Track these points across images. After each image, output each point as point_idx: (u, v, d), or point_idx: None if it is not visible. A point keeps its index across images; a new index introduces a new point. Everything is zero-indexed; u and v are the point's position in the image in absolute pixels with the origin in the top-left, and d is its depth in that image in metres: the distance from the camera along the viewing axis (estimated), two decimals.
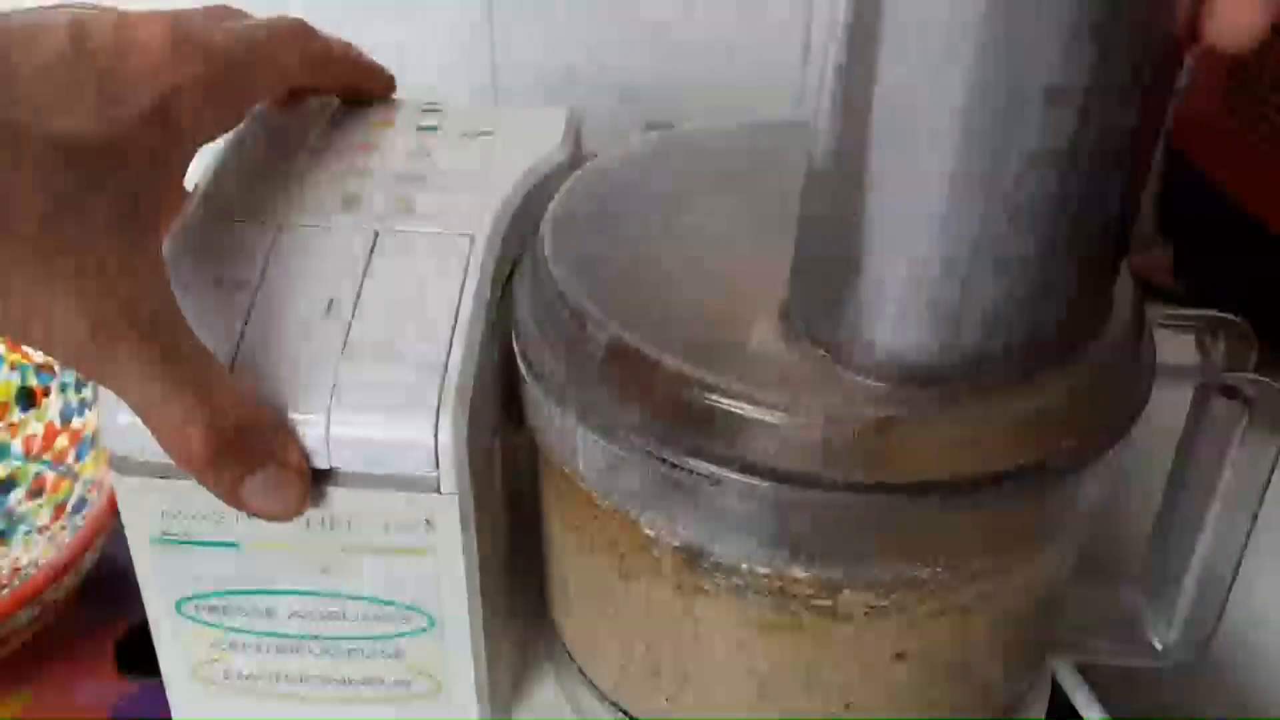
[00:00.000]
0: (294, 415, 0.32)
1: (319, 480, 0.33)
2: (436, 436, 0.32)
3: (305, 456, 0.32)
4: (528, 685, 0.42)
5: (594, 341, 0.32)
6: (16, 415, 0.50)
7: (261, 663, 0.37)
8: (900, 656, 0.33)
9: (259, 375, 0.33)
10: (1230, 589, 0.39)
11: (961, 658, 0.35)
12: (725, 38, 0.60)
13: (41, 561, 0.44)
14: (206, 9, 0.35)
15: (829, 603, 0.32)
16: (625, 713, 0.39)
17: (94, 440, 0.48)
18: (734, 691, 0.35)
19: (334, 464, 0.33)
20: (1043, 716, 0.41)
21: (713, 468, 0.30)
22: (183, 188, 0.35)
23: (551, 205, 0.37)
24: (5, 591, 0.40)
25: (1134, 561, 0.41)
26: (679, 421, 0.30)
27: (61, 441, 0.49)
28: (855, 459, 0.30)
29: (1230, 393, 0.35)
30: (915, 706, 0.35)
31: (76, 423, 0.48)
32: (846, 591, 0.32)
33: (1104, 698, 0.42)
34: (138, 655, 0.43)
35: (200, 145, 0.34)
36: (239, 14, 0.36)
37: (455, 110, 0.43)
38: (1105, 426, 0.32)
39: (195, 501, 0.34)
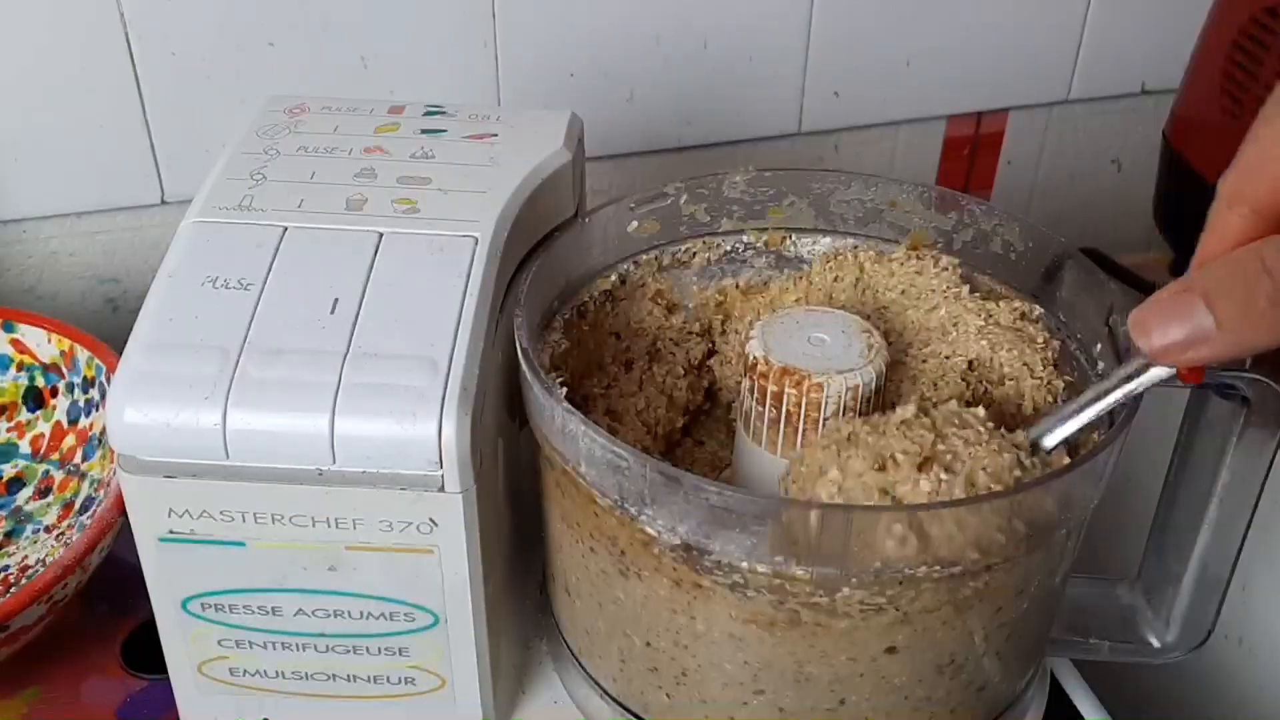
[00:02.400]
0: (299, 415, 0.33)
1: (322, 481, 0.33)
2: (440, 436, 0.32)
3: None
4: (530, 681, 0.42)
5: None
6: (24, 415, 0.50)
7: (267, 660, 0.37)
8: (893, 650, 0.34)
9: (263, 375, 0.33)
10: (1228, 587, 0.39)
11: (958, 655, 0.35)
12: (727, 42, 0.60)
13: (49, 560, 0.45)
14: None
15: (827, 600, 0.32)
16: (625, 708, 0.39)
17: (101, 440, 0.48)
18: (732, 687, 0.35)
19: (338, 463, 0.33)
20: (1041, 714, 0.41)
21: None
22: None
23: None
24: (14, 590, 0.40)
25: (1132, 560, 0.41)
26: None
27: (69, 441, 0.49)
28: None
29: (1227, 392, 0.35)
30: (912, 703, 0.35)
31: (84, 422, 0.49)
32: (844, 589, 0.32)
33: (1103, 696, 0.43)
34: (144, 653, 0.43)
35: None
36: None
37: (459, 113, 0.43)
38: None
39: (202, 501, 0.34)
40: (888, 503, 0.32)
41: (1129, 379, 0.32)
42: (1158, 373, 0.32)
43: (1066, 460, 0.34)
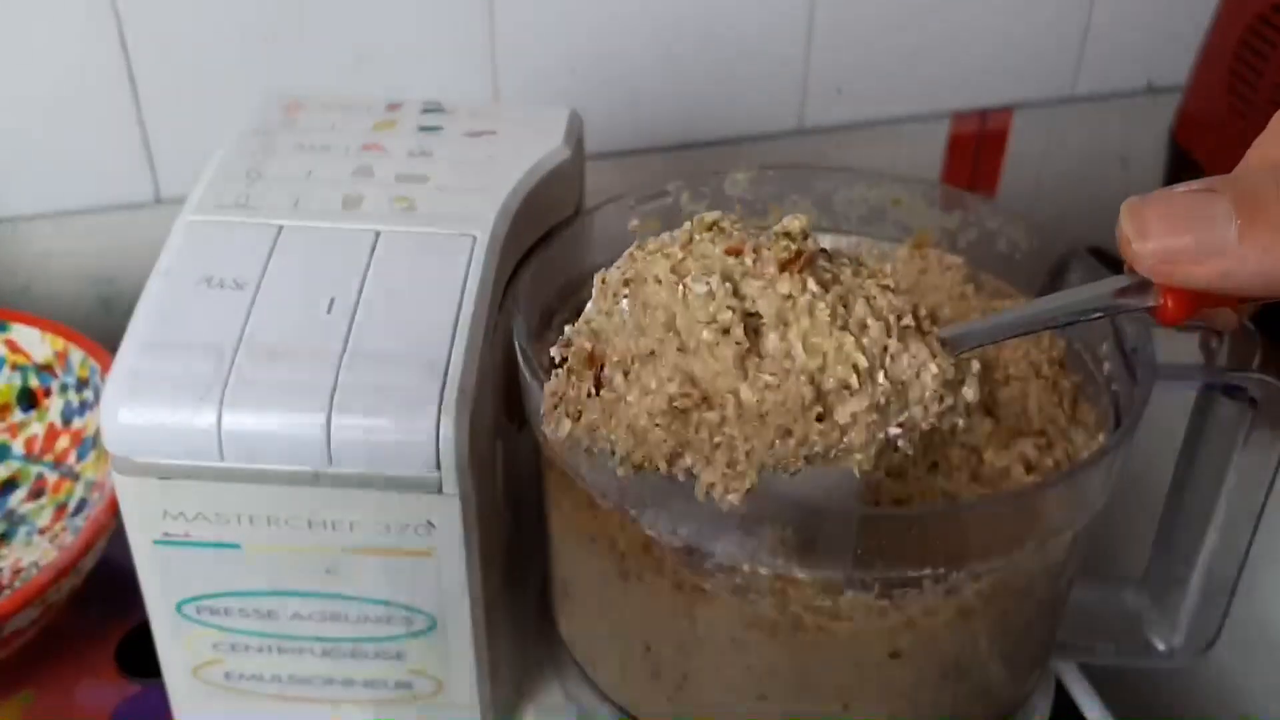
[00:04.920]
0: (295, 416, 0.32)
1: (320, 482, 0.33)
2: (438, 437, 0.32)
3: None
4: (529, 686, 0.42)
5: None
6: (18, 416, 0.49)
7: (263, 664, 0.37)
8: (897, 655, 0.33)
9: (259, 375, 0.33)
10: (1235, 590, 0.38)
11: (962, 658, 0.35)
12: (728, 38, 0.60)
13: (43, 563, 0.44)
14: None
15: (830, 603, 0.32)
16: (626, 713, 0.38)
17: (95, 441, 0.47)
18: (733, 691, 0.35)
19: (335, 465, 0.33)
20: (1047, 719, 0.41)
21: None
22: None
23: None
24: (7, 593, 0.40)
25: (1138, 563, 0.41)
26: None
27: (63, 443, 0.49)
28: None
29: (1234, 392, 0.35)
30: (915, 707, 0.35)
31: (77, 423, 0.48)
32: (848, 592, 0.32)
33: (1109, 700, 0.42)
34: (139, 656, 0.43)
35: None
36: None
37: (457, 110, 0.43)
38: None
39: (197, 503, 0.33)
40: (730, 299, 0.26)
41: (1088, 301, 0.27)
42: (1124, 300, 0.26)
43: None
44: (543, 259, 0.39)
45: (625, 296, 0.27)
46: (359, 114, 0.42)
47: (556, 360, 0.28)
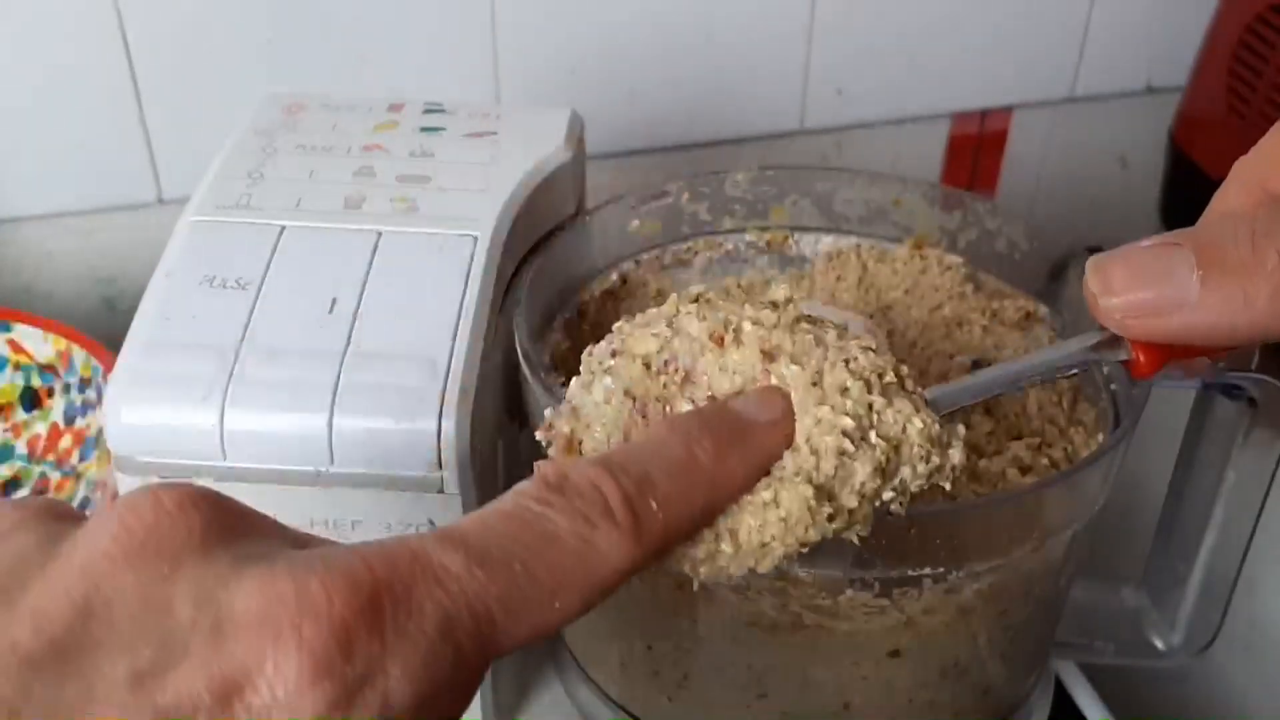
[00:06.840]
0: (297, 416, 0.32)
1: (323, 482, 0.33)
2: (439, 437, 0.32)
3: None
4: (531, 686, 0.42)
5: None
6: (20, 416, 0.50)
7: None
8: (897, 654, 0.33)
9: (261, 375, 0.33)
10: (1234, 589, 0.39)
11: (962, 658, 0.35)
12: (728, 38, 0.60)
13: None
14: None
15: (830, 603, 0.32)
16: (627, 712, 0.38)
17: (98, 441, 0.47)
18: (734, 690, 0.35)
19: (337, 464, 0.33)
20: (1046, 717, 0.41)
21: None
22: None
23: None
24: None
25: (1138, 563, 0.41)
26: None
27: (65, 442, 0.49)
28: None
29: (1233, 392, 0.35)
30: (915, 706, 0.35)
31: (80, 423, 0.48)
32: (848, 592, 0.32)
33: (1108, 699, 0.42)
34: None
35: None
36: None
37: (458, 111, 0.43)
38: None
39: None
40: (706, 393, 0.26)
41: (1063, 358, 0.27)
42: (1097, 355, 0.26)
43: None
44: (544, 259, 0.39)
45: (608, 372, 0.27)
46: (360, 114, 0.42)
47: (542, 444, 0.27)
